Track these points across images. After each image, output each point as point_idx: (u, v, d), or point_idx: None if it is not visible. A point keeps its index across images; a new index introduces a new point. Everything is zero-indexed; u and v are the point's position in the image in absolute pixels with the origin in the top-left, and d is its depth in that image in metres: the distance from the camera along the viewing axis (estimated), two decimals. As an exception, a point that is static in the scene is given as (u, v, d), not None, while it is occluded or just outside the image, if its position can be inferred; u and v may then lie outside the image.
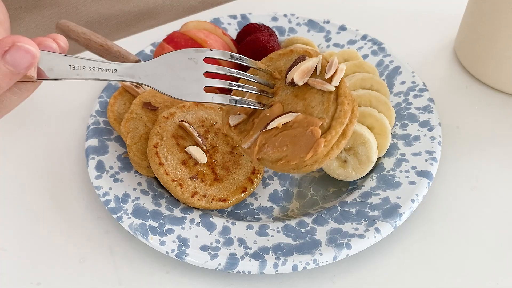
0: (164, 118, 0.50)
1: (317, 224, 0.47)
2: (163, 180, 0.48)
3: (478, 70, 0.62)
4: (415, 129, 0.54)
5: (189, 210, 0.48)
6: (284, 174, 0.53)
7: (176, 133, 0.50)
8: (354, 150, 0.49)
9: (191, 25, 0.63)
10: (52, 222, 0.50)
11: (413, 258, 0.47)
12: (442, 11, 0.73)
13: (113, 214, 0.47)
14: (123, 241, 0.48)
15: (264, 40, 0.59)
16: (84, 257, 0.47)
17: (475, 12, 0.60)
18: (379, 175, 0.51)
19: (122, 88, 0.57)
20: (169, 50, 0.58)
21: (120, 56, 0.59)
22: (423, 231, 0.48)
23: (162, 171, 0.48)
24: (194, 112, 0.52)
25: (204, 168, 0.49)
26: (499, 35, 0.57)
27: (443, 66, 0.65)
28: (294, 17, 0.68)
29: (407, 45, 0.68)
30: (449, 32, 0.69)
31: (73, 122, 0.60)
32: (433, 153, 0.51)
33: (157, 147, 0.49)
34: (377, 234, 0.45)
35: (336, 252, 0.44)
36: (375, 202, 0.48)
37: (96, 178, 0.50)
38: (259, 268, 0.43)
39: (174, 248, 0.45)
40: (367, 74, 0.55)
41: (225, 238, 0.46)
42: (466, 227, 0.49)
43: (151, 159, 0.48)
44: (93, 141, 0.54)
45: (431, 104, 0.56)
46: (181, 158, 0.49)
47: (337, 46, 0.65)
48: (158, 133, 0.49)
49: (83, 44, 0.60)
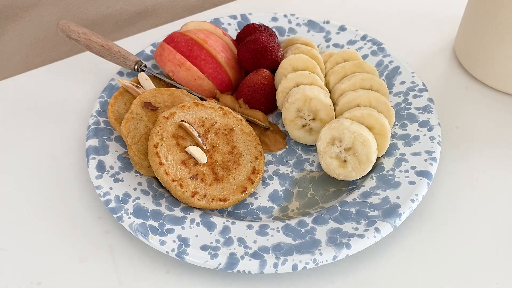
0: (164, 118, 0.50)
1: (317, 224, 0.47)
2: (164, 180, 0.48)
3: (477, 70, 0.62)
4: (414, 129, 0.54)
5: (189, 210, 0.49)
6: (284, 174, 0.53)
7: (176, 133, 0.50)
8: (354, 150, 0.50)
9: (191, 25, 0.63)
10: (52, 222, 0.50)
11: (412, 257, 0.47)
12: (442, 11, 0.73)
13: (114, 214, 0.47)
14: (124, 241, 0.49)
15: (264, 40, 0.59)
16: (84, 257, 0.48)
17: (475, 12, 0.60)
18: (378, 175, 0.51)
19: (123, 88, 0.57)
20: (169, 50, 0.59)
21: (120, 56, 0.60)
22: (422, 231, 0.49)
23: (163, 171, 0.48)
24: (194, 112, 0.52)
25: (204, 168, 0.50)
26: (499, 35, 0.57)
27: (442, 66, 0.65)
28: (294, 17, 0.68)
29: (406, 45, 0.68)
30: (449, 32, 0.69)
31: (73, 122, 0.60)
32: (432, 153, 0.51)
33: (157, 147, 0.49)
34: (376, 234, 0.45)
35: (336, 251, 0.44)
36: (374, 202, 0.48)
37: (97, 178, 0.50)
38: (259, 268, 0.44)
39: (174, 248, 0.45)
40: (367, 75, 0.55)
41: (225, 237, 0.46)
42: (466, 227, 0.49)
43: (151, 159, 0.48)
44: (93, 141, 0.54)
45: (430, 104, 0.56)
46: (181, 158, 0.49)
47: (337, 46, 0.65)
48: (158, 133, 0.49)
49: (84, 44, 0.61)
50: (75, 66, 0.67)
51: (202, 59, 0.58)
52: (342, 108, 0.54)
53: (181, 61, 0.58)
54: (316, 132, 0.54)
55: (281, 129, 0.58)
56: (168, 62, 0.59)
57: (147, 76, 0.57)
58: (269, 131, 0.57)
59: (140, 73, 0.58)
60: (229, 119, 0.53)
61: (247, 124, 0.54)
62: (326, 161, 0.51)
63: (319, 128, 0.53)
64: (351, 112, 0.52)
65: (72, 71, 0.67)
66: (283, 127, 0.58)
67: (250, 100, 0.58)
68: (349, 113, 0.52)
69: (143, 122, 0.52)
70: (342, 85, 0.55)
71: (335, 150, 0.50)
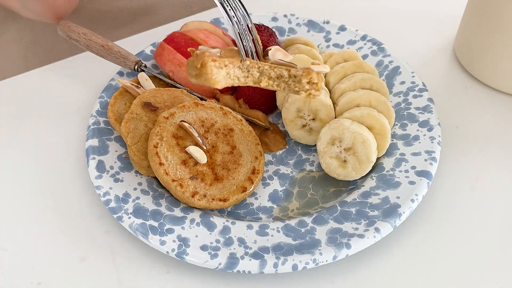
0: (164, 118, 0.50)
1: (317, 224, 0.47)
2: (163, 180, 0.48)
3: (477, 70, 0.62)
4: (414, 129, 0.54)
5: (189, 210, 0.49)
6: (284, 174, 0.53)
7: (176, 133, 0.50)
8: (354, 149, 0.50)
9: (192, 25, 0.63)
10: (52, 222, 0.50)
11: (412, 258, 0.47)
12: (442, 11, 0.73)
13: (114, 214, 0.47)
14: (124, 241, 0.49)
15: (264, 41, 0.59)
16: (84, 256, 0.48)
17: (475, 12, 0.60)
18: (378, 175, 0.51)
19: (123, 88, 0.57)
20: (169, 50, 0.59)
21: (120, 57, 0.60)
22: (422, 231, 0.49)
23: (162, 171, 0.48)
24: (194, 112, 0.52)
25: (204, 168, 0.50)
26: (499, 35, 0.57)
27: (442, 66, 0.65)
28: (294, 17, 0.68)
29: (407, 45, 0.68)
30: (449, 32, 0.69)
31: (73, 122, 0.60)
32: (432, 153, 0.51)
33: (157, 147, 0.49)
34: (376, 234, 0.45)
35: (336, 251, 0.44)
36: (374, 202, 0.48)
37: (97, 178, 0.50)
38: (259, 268, 0.44)
39: (174, 248, 0.45)
40: (367, 74, 0.55)
41: (225, 237, 0.46)
42: (466, 227, 0.49)
43: (151, 159, 0.48)
44: (93, 141, 0.54)
45: (430, 104, 0.56)
46: (181, 158, 0.49)
47: (337, 46, 0.65)
48: (158, 133, 0.49)
49: (84, 45, 0.61)
50: (75, 66, 0.67)
51: (202, 59, 0.58)
52: (342, 108, 0.54)
53: (181, 61, 0.58)
54: (316, 132, 0.54)
55: (281, 129, 0.58)
56: (168, 62, 0.59)
57: (147, 76, 0.57)
58: (269, 131, 0.57)
59: (140, 73, 0.58)
60: (229, 119, 0.53)
61: (247, 124, 0.54)
62: (326, 161, 0.51)
63: (319, 128, 0.53)
64: (351, 112, 0.52)
65: (72, 71, 0.66)
66: (283, 127, 0.58)
67: (250, 100, 0.58)
68: (349, 113, 0.52)
69: (143, 122, 0.52)
70: (342, 85, 0.55)
71: (335, 150, 0.50)
